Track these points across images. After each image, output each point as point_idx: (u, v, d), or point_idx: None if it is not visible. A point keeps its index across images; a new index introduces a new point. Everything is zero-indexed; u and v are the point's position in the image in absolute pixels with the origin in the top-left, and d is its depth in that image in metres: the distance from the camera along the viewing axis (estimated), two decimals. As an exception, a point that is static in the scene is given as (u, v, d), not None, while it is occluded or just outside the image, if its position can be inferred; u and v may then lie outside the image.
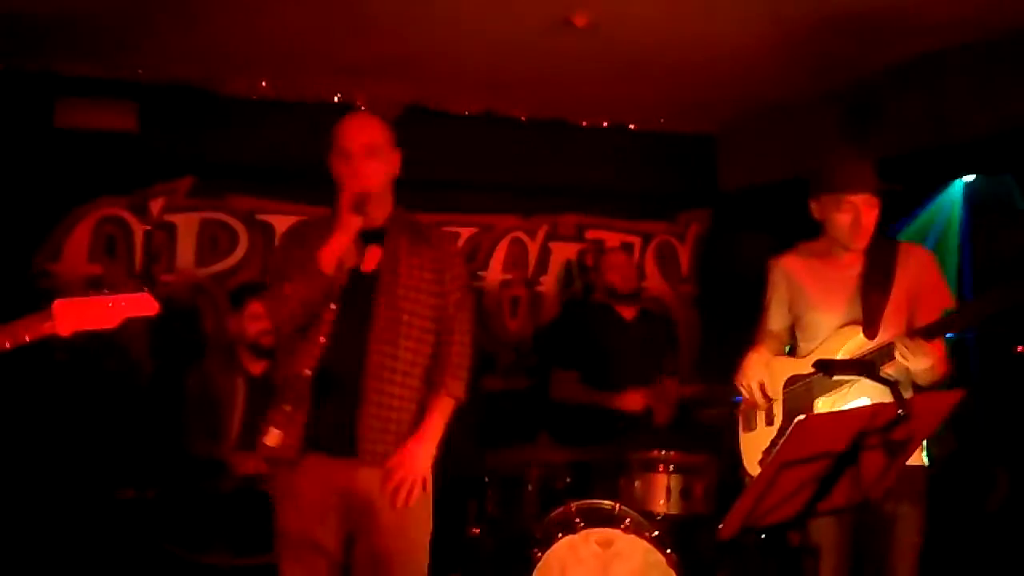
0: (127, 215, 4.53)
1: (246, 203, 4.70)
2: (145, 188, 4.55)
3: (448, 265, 2.59)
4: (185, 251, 4.61)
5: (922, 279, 2.75)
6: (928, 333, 2.53)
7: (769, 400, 2.88)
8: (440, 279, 2.56)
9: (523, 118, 4.98)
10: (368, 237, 2.50)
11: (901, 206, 3.14)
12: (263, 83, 4.59)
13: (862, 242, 2.74)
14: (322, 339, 2.43)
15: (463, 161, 4.94)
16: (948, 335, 2.61)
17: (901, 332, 2.62)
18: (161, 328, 4.41)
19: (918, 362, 2.50)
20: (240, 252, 4.68)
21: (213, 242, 4.65)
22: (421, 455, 2.48)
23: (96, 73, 4.34)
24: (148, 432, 4.08)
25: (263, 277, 4.60)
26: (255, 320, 3.57)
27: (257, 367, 3.74)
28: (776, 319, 2.99)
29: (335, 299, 2.44)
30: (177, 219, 4.60)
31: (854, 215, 2.69)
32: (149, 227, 4.54)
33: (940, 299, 2.73)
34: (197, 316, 4.56)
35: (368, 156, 2.46)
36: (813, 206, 2.79)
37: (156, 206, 4.57)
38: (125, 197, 4.52)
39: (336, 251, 2.38)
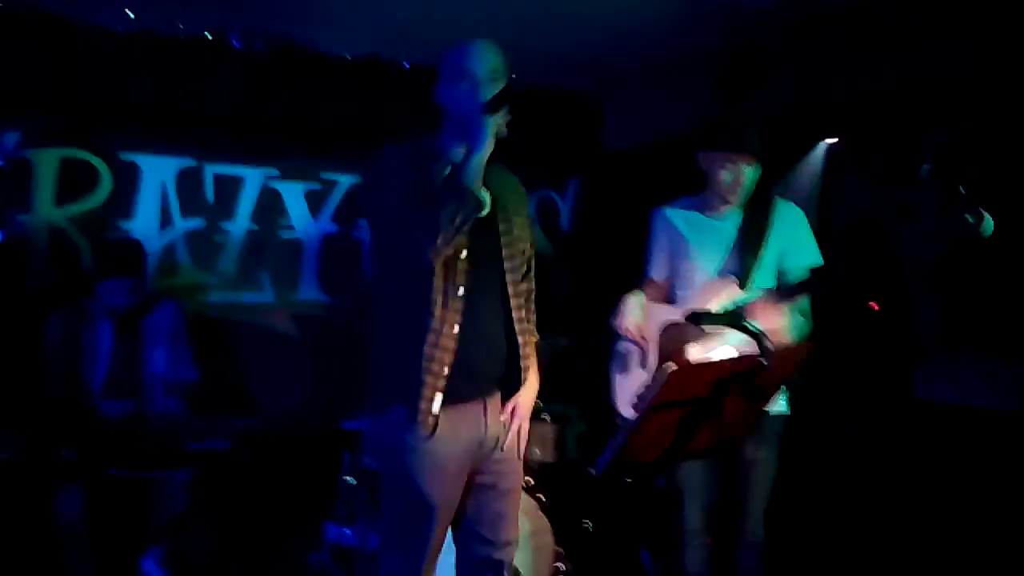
0: (-24, 150, 4.22)
1: (109, 141, 4.43)
2: (-2, 122, 4.23)
3: (526, 206, 2.58)
4: (43, 189, 4.32)
5: (793, 235, 2.92)
6: (783, 294, 2.69)
7: (645, 343, 2.99)
8: (526, 219, 2.54)
9: (407, 64, 4.88)
10: None
11: (775, 166, 3.29)
12: (129, 13, 4.31)
13: (739, 199, 2.90)
14: (462, 290, 2.30)
15: (341, 108, 4.82)
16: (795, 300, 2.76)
17: (772, 285, 2.78)
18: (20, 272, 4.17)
19: (772, 327, 2.63)
20: (103, 193, 4.43)
21: (73, 181, 4.37)
22: None
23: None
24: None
25: (124, 217, 4.43)
26: None
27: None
28: (658, 268, 3.10)
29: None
30: (34, 156, 4.29)
31: (735, 173, 2.85)
32: (1, 163, 4.23)
33: (808, 255, 2.91)
34: (61, 260, 4.31)
35: (493, 80, 2.38)
36: (699, 157, 2.93)
37: (10, 141, 4.24)
38: (-25, 131, 4.20)
39: (481, 165, 2.26)
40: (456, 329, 2.30)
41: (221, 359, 4.46)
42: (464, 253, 2.31)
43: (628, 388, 3.02)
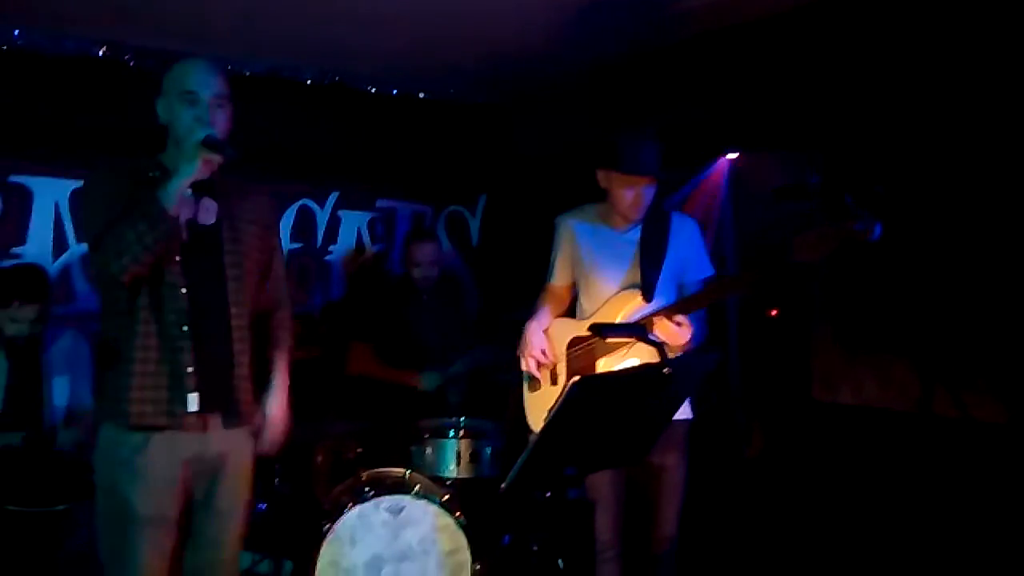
0: None
1: (-2, 164, 4.26)
2: None
3: (266, 215, 2.61)
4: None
5: (690, 247, 3.01)
6: (682, 308, 2.76)
7: (552, 362, 3.02)
8: (264, 233, 2.56)
9: (309, 81, 4.83)
10: (200, 188, 2.40)
11: (673, 181, 3.40)
12: (15, 31, 4.14)
13: (639, 215, 2.96)
14: (183, 291, 2.32)
15: (249, 124, 4.71)
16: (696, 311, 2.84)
17: (672, 298, 2.85)
18: None
19: (673, 339, 2.71)
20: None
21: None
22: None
23: None
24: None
25: (16, 242, 4.25)
26: None
27: None
28: (560, 275, 3.14)
29: (177, 252, 2.33)
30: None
31: (636, 192, 2.90)
32: None
33: (702, 268, 3.00)
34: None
35: (217, 105, 2.38)
36: (600, 175, 2.97)
37: None
38: None
39: (180, 193, 2.26)
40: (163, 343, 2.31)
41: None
42: (177, 268, 2.34)
43: (539, 405, 3.04)
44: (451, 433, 3.58)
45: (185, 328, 2.32)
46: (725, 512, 3.88)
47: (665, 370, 2.19)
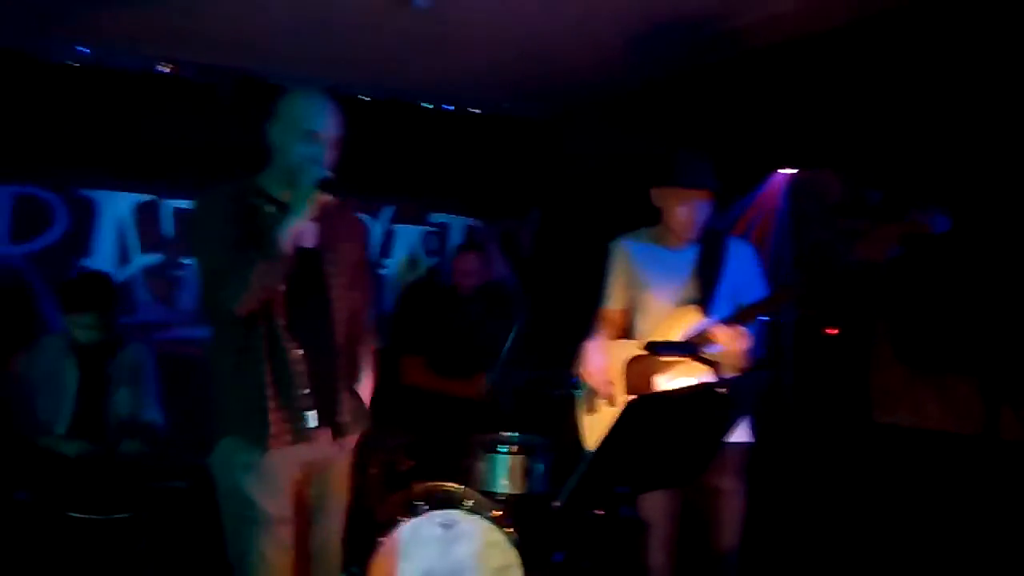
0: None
1: (64, 177, 4.38)
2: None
3: (360, 237, 2.77)
4: (-4, 226, 4.25)
5: (746, 271, 2.98)
6: (740, 317, 2.72)
7: (610, 385, 2.99)
8: (358, 250, 2.67)
9: (366, 98, 4.89)
10: None
11: (728, 198, 3.36)
12: (83, 49, 4.28)
13: (693, 233, 2.94)
14: (281, 321, 2.40)
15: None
16: (753, 322, 2.80)
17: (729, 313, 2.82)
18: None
19: (730, 346, 2.67)
20: (58, 230, 4.36)
21: (28, 218, 4.30)
22: None
23: None
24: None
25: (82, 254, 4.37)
26: None
27: None
28: (616, 299, 3.12)
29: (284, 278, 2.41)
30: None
31: (691, 208, 2.88)
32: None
33: (760, 290, 2.96)
34: (17, 299, 4.23)
35: (332, 145, 2.44)
36: (653, 194, 2.96)
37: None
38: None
39: (296, 231, 2.34)
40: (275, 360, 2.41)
41: (179, 396, 4.39)
42: (284, 293, 2.41)
43: (597, 427, 3.01)
44: (503, 448, 3.58)
45: (299, 350, 2.42)
46: (783, 536, 3.81)
47: (720, 388, 2.17)
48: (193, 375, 4.53)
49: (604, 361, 3.02)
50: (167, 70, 4.45)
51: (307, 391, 2.43)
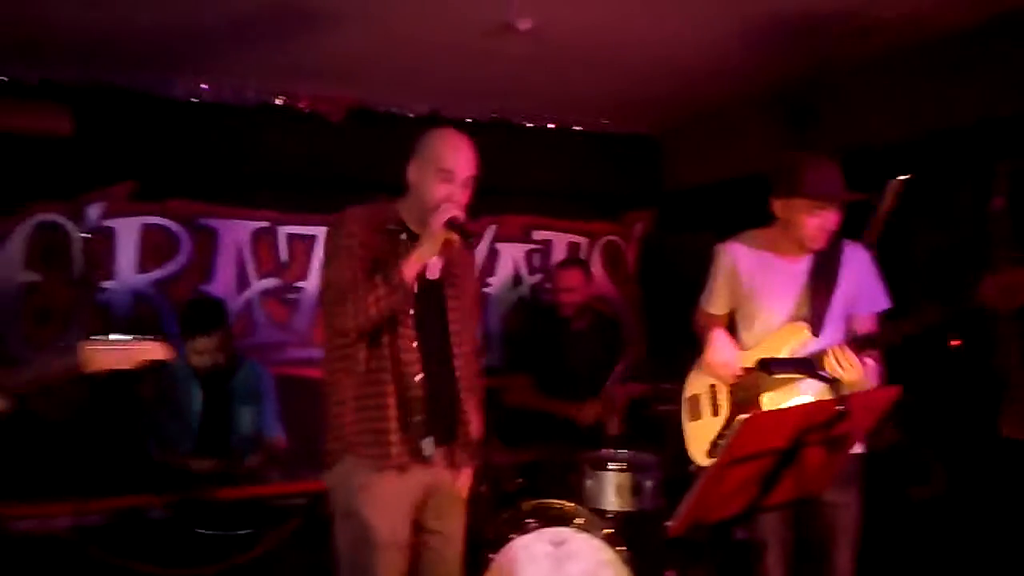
0: (64, 221, 4.41)
1: (187, 207, 4.61)
2: (82, 193, 4.42)
3: (473, 269, 2.81)
4: (125, 257, 4.51)
5: (862, 280, 2.83)
6: (858, 344, 2.62)
7: (738, 376, 2.91)
8: (475, 282, 2.78)
9: (468, 119, 4.98)
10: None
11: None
12: (203, 85, 4.52)
13: (821, 244, 2.79)
14: (415, 344, 2.50)
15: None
16: (876, 351, 2.69)
17: (841, 333, 2.72)
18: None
19: (847, 375, 2.58)
20: (183, 258, 4.60)
21: (154, 248, 4.55)
22: None
23: (29, 76, 4.22)
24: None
25: (204, 280, 4.58)
26: None
27: None
28: (719, 304, 3.03)
29: (412, 306, 2.50)
30: (116, 224, 4.49)
31: (822, 219, 2.74)
32: (88, 233, 4.42)
33: (876, 300, 2.83)
34: (145, 324, 4.46)
35: (468, 186, 2.53)
36: (777, 204, 2.81)
37: (95, 211, 4.46)
38: (62, 203, 4.40)
39: (421, 264, 2.45)
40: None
41: (295, 415, 4.54)
42: (410, 320, 2.49)
43: (701, 435, 2.97)
44: (611, 465, 3.57)
45: (418, 377, 2.50)
46: (901, 555, 3.65)
47: (838, 408, 2.10)
48: (308, 395, 4.71)
49: (733, 353, 2.90)
50: (280, 102, 4.65)
51: (427, 416, 2.50)
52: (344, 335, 2.47)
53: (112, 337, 2.14)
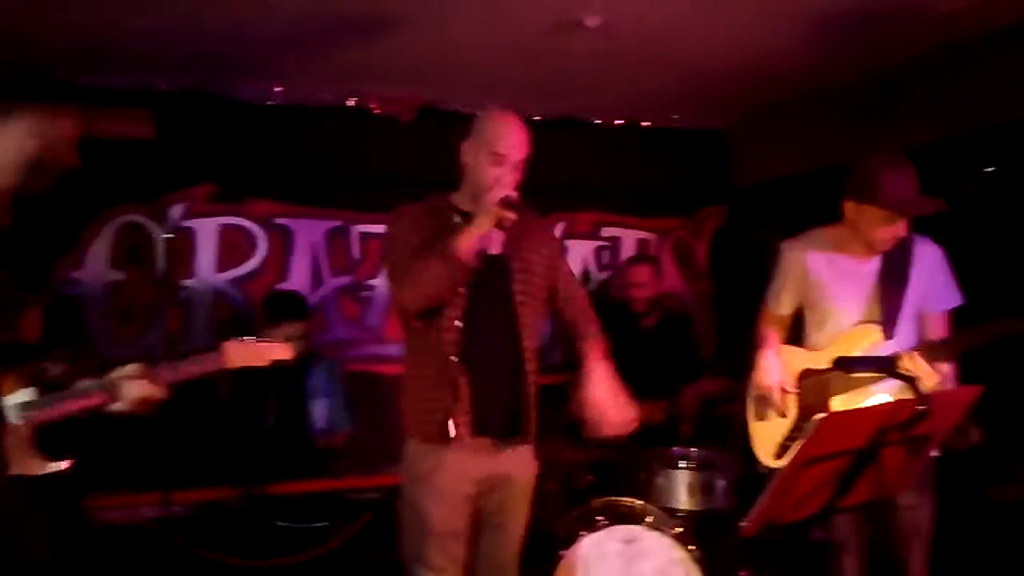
0: (148, 222, 4.58)
1: (264, 207, 4.74)
2: (164, 195, 4.58)
3: (550, 244, 2.75)
4: (205, 256, 4.65)
5: (934, 277, 2.78)
6: (930, 354, 2.55)
7: (785, 395, 2.90)
8: (546, 258, 2.69)
9: (537, 117, 4.98)
10: None
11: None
12: (277, 88, 4.62)
13: (891, 247, 2.75)
14: (457, 323, 2.49)
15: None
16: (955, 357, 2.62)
17: (913, 333, 2.65)
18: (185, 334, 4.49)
19: (925, 379, 2.53)
20: (259, 256, 4.72)
21: (232, 247, 4.69)
22: None
23: (114, 83, 4.38)
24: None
25: (280, 279, 4.69)
26: None
27: None
28: (785, 304, 2.99)
29: (463, 284, 2.51)
30: (196, 224, 4.64)
31: (895, 230, 2.69)
32: (169, 233, 4.58)
33: (948, 298, 2.76)
34: (223, 321, 4.60)
35: (518, 167, 2.54)
36: (850, 207, 2.76)
37: (176, 212, 4.61)
38: (145, 204, 4.57)
39: (477, 242, 2.45)
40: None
41: (368, 410, 4.62)
42: (463, 298, 2.48)
43: (767, 435, 2.93)
44: (682, 464, 3.54)
45: (481, 358, 2.50)
46: (980, 557, 3.54)
47: (920, 407, 2.05)
48: (380, 390, 4.80)
49: (782, 374, 2.91)
50: (352, 103, 4.73)
51: (486, 399, 2.50)
52: (403, 315, 2.52)
53: (244, 338, 2.27)
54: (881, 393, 2.68)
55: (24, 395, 2.00)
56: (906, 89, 4.08)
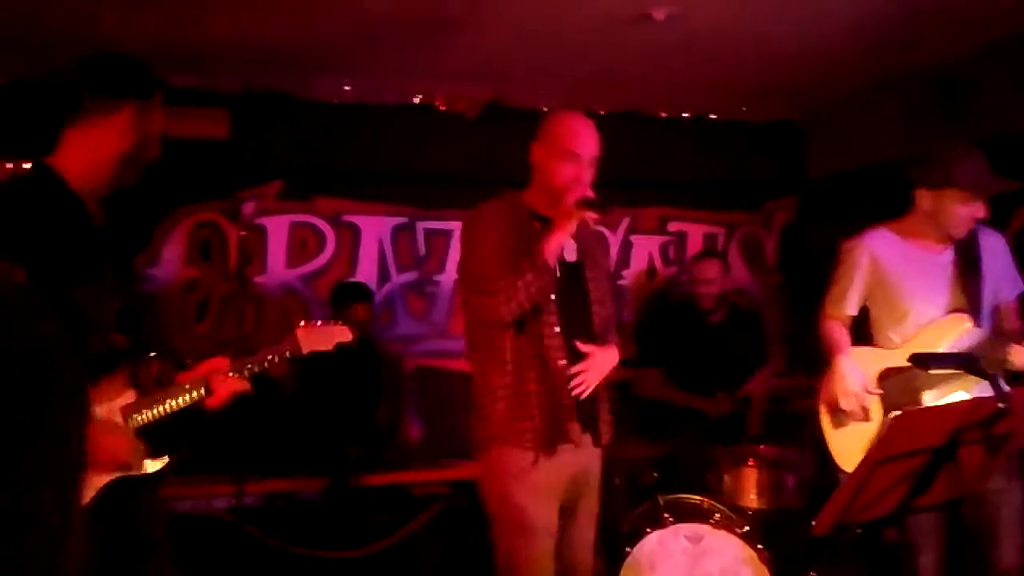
0: (221, 219, 4.69)
1: (332, 205, 4.82)
2: (237, 192, 4.69)
3: (604, 245, 2.81)
4: (276, 253, 4.75)
5: (1003, 266, 2.76)
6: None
7: (866, 401, 2.79)
8: (604, 259, 2.77)
9: (602, 111, 4.96)
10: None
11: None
12: (345, 87, 4.69)
13: (965, 233, 2.72)
14: (557, 329, 2.51)
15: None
16: None
17: (990, 322, 2.63)
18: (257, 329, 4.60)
19: None
20: (328, 253, 4.80)
21: (302, 244, 4.78)
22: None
23: (189, 83, 4.50)
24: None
25: (348, 275, 4.77)
26: None
27: None
28: (854, 304, 2.88)
29: (553, 290, 2.52)
30: (267, 222, 4.74)
31: (973, 210, 2.66)
32: (242, 231, 4.68)
33: (1016, 284, 2.75)
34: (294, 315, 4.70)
35: (592, 165, 2.55)
36: (925, 196, 2.72)
37: (248, 210, 4.71)
38: (219, 202, 4.68)
39: (559, 245, 2.47)
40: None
41: (434, 405, 4.66)
42: (552, 305, 2.49)
43: (849, 443, 2.82)
44: (750, 461, 3.48)
45: (564, 360, 2.50)
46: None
47: (1000, 405, 1.98)
48: (445, 385, 4.84)
49: (862, 379, 2.80)
50: (418, 101, 4.77)
51: (573, 400, 2.50)
52: (492, 325, 2.49)
53: (310, 322, 2.33)
54: (964, 390, 2.59)
55: (127, 398, 2.07)
56: (978, 80, 3.93)
